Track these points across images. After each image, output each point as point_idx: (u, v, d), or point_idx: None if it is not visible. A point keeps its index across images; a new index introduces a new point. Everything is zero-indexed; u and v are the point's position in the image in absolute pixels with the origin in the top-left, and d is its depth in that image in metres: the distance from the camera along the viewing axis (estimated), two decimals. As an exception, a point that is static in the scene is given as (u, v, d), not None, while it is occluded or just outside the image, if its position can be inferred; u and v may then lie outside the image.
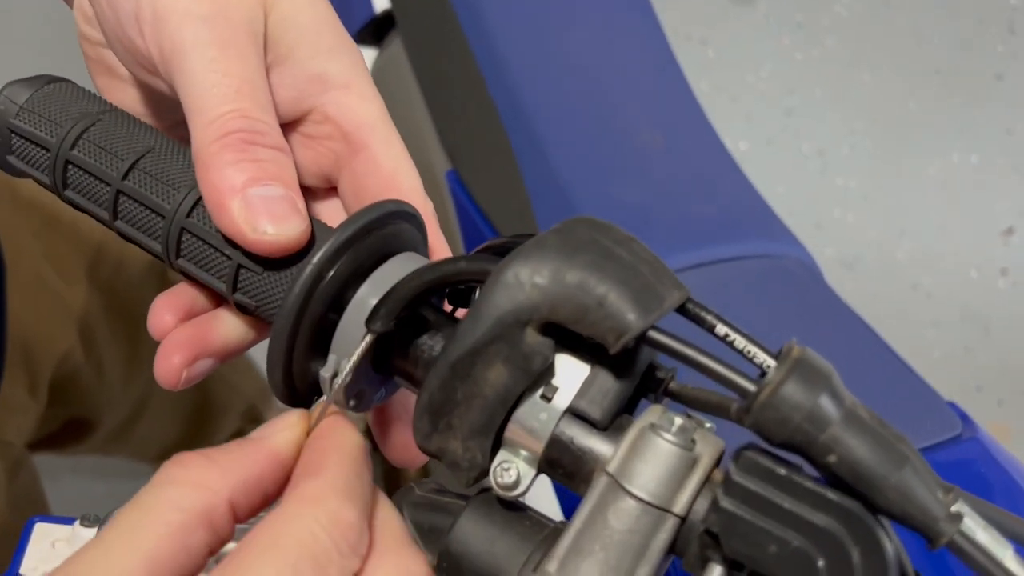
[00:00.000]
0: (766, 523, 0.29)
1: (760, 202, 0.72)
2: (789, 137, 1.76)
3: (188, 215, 0.37)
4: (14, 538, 0.76)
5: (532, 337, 0.32)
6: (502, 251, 0.38)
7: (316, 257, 0.34)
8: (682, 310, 0.32)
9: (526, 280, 0.32)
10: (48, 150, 0.39)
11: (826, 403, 0.28)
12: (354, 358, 0.35)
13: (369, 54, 0.96)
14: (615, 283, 0.31)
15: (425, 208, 0.41)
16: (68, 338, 0.86)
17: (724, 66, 1.83)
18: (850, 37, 1.86)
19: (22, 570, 0.47)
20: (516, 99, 0.77)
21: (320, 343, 0.36)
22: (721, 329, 0.32)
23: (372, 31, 0.95)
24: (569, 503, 0.57)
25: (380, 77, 0.93)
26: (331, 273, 0.35)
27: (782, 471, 0.29)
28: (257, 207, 0.35)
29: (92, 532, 0.49)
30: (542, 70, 0.79)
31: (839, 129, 1.77)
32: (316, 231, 0.37)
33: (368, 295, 0.35)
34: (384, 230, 0.36)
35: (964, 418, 0.61)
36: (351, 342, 0.35)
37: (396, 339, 0.36)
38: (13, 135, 0.40)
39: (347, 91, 0.41)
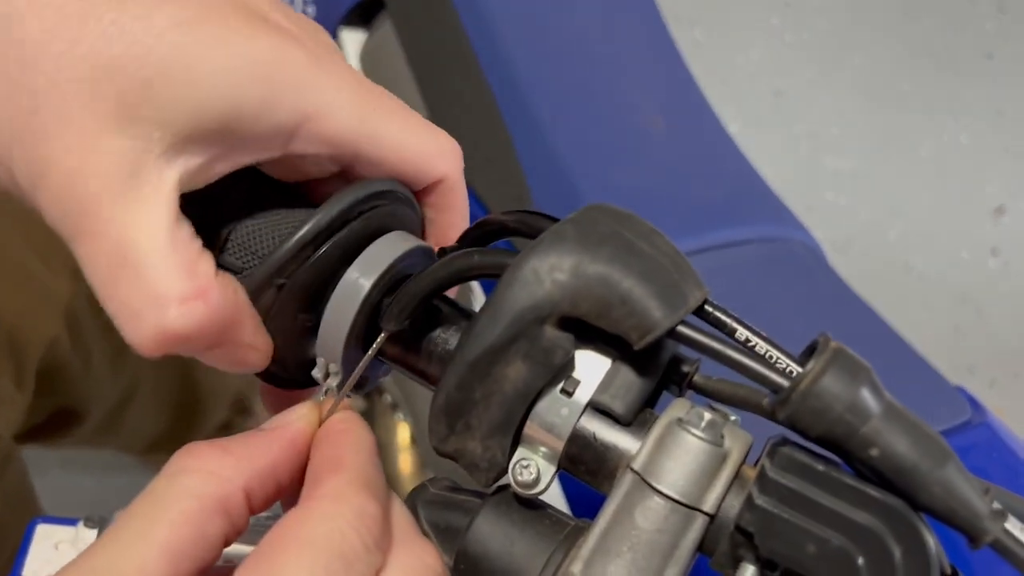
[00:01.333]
0: (804, 521, 0.27)
1: (763, 185, 0.71)
2: (779, 119, 1.75)
3: None
4: (5, 534, 0.75)
5: (551, 332, 0.31)
6: (497, 229, 0.37)
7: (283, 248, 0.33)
8: (700, 312, 0.31)
9: (545, 275, 0.30)
10: None
11: (867, 395, 0.27)
12: (364, 361, 0.34)
13: (358, 37, 0.94)
14: (639, 279, 0.30)
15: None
16: (54, 327, 0.85)
17: (712, 47, 1.81)
18: (839, 18, 1.85)
19: (24, 572, 0.46)
20: (512, 82, 0.75)
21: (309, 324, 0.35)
22: (742, 333, 0.31)
23: (360, 13, 0.93)
24: (577, 498, 0.56)
25: (369, 61, 0.91)
26: (313, 257, 0.33)
27: (820, 467, 0.28)
28: None
29: (95, 533, 0.47)
30: (538, 52, 0.77)
31: (829, 110, 1.76)
32: None
33: (357, 276, 0.34)
34: (365, 214, 0.35)
35: (973, 403, 0.60)
36: (340, 325, 0.34)
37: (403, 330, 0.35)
38: None
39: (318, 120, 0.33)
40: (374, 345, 0.34)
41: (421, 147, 0.36)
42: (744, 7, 1.86)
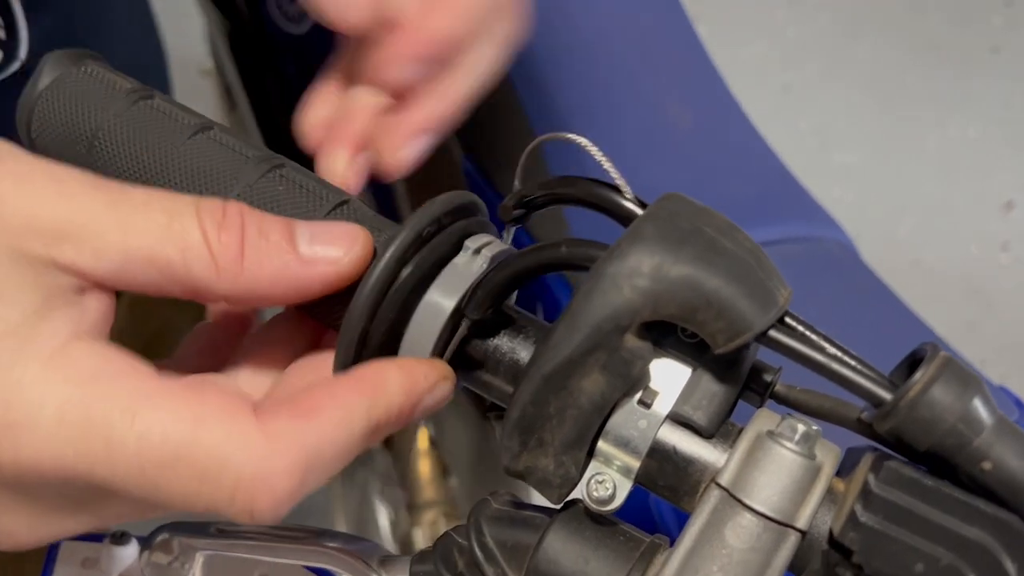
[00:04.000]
0: (912, 539, 0.26)
1: (794, 183, 0.70)
2: (785, 114, 1.74)
3: None
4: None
5: (632, 341, 0.29)
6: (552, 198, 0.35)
7: (369, 284, 0.31)
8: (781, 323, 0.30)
9: (624, 281, 0.29)
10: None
11: (980, 406, 0.26)
12: (448, 352, 0.32)
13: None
14: (725, 279, 0.28)
15: None
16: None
17: (717, 43, 1.78)
18: (844, 11, 1.83)
19: (51, 592, 0.44)
20: (535, 78, 0.74)
21: (388, 346, 0.33)
22: (830, 350, 0.29)
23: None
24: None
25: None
26: (393, 287, 0.32)
27: (929, 481, 0.26)
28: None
29: (122, 550, 0.46)
30: (562, 47, 0.76)
31: (836, 105, 1.75)
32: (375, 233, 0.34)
33: (438, 298, 0.32)
34: (442, 233, 0.33)
35: (1019, 404, 0.59)
36: (423, 345, 0.33)
37: (464, 339, 0.33)
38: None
39: None
40: (455, 337, 0.32)
41: None
42: (748, 1, 1.84)
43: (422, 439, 0.95)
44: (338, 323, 0.33)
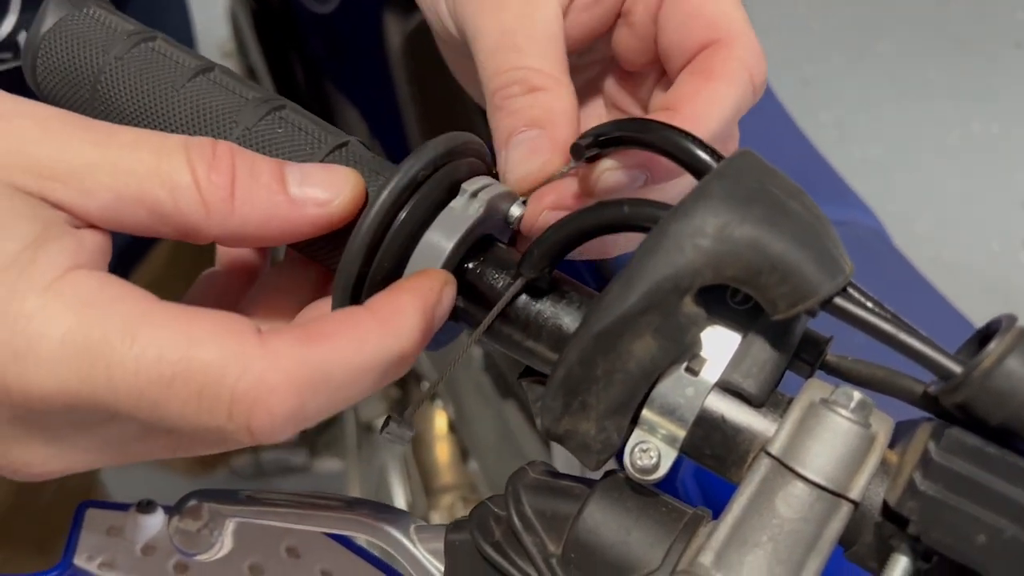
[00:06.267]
0: (974, 509, 0.25)
1: (827, 167, 0.69)
2: (806, 107, 1.73)
3: None
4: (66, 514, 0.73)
5: (689, 306, 0.29)
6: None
7: (363, 228, 0.31)
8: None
9: (687, 241, 0.28)
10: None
11: (1057, 378, 0.25)
12: (498, 307, 0.32)
13: (401, 19, 0.92)
14: (792, 243, 0.28)
15: (749, 44, 0.38)
16: None
17: (738, 35, 1.79)
18: (867, 5, 1.82)
19: (76, 560, 0.44)
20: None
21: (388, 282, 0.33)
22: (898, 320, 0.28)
23: (403, -8, 0.91)
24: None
25: (415, 45, 0.89)
26: (389, 232, 0.32)
27: (993, 450, 0.25)
28: (511, 157, 0.36)
29: (148, 518, 0.45)
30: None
31: (857, 99, 1.74)
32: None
33: (436, 239, 0.32)
34: (436, 175, 0.33)
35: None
36: None
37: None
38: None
39: None
40: (507, 294, 0.32)
41: None
42: (770, -6, 1.83)
43: (440, 423, 0.95)
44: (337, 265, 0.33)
